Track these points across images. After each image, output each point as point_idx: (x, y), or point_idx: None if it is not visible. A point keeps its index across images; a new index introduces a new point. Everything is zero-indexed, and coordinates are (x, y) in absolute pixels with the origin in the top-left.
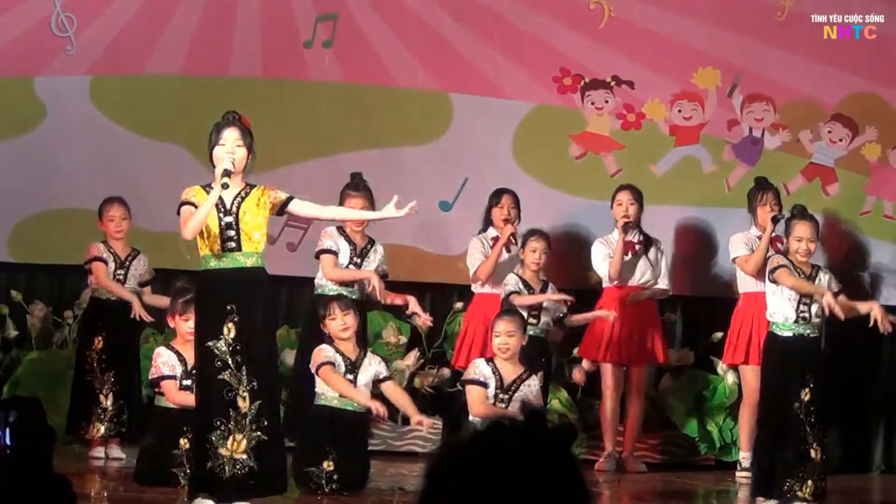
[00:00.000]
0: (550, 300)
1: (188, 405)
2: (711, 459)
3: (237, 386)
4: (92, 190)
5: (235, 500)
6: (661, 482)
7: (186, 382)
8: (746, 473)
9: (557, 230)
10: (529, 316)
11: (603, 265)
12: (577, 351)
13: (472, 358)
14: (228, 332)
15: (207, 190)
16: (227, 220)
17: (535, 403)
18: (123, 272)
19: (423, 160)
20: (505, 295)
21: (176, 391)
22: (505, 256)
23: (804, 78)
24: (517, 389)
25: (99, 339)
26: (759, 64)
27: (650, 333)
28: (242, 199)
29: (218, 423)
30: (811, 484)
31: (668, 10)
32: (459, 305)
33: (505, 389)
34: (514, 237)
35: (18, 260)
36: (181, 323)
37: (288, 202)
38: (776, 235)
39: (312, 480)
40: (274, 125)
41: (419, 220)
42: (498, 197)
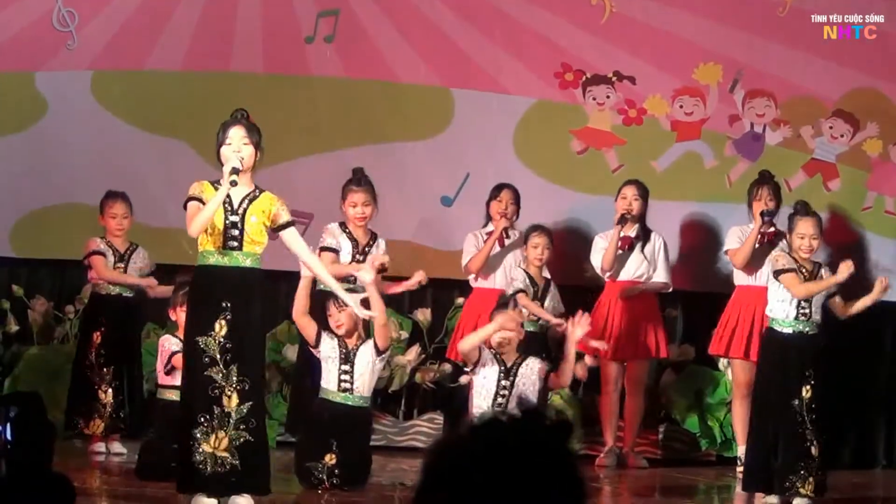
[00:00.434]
0: (550, 322)
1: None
2: (712, 455)
3: (224, 383)
4: (93, 185)
5: (215, 494)
6: (661, 477)
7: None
8: None
9: (559, 226)
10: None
11: (597, 258)
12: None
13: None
14: (220, 328)
15: (216, 186)
16: (232, 218)
17: (533, 393)
18: (123, 265)
19: (424, 155)
20: (514, 291)
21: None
22: (497, 250)
23: (805, 73)
24: (516, 373)
25: (98, 334)
26: (760, 59)
27: (649, 329)
28: (251, 201)
29: (202, 419)
30: (812, 480)
31: (669, 5)
32: (461, 301)
33: (507, 374)
34: (507, 232)
35: (20, 255)
36: (182, 315)
37: (285, 227)
38: (774, 231)
39: (314, 475)
40: (275, 120)
41: (421, 215)
42: (497, 192)
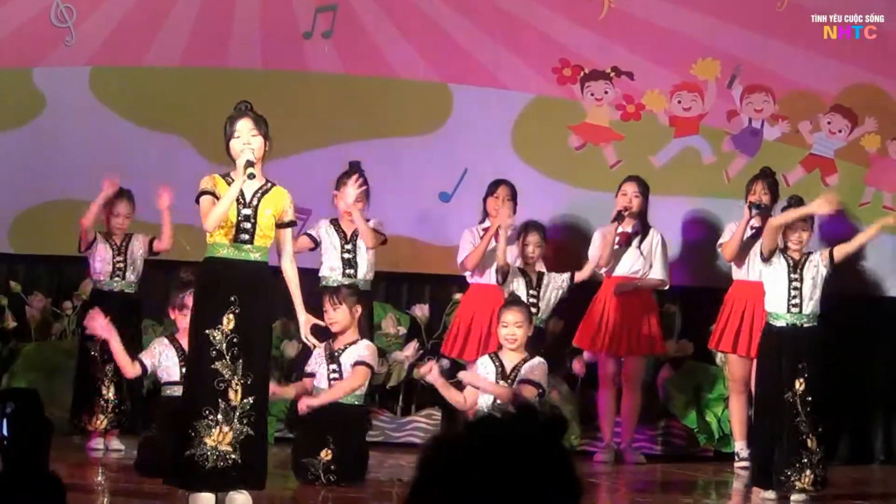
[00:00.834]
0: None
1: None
2: (710, 450)
3: (230, 377)
4: (91, 181)
5: (213, 489)
6: (659, 473)
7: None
8: (744, 464)
9: (557, 221)
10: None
11: (594, 253)
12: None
13: (457, 346)
14: (228, 322)
15: (227, 180)
16: (245, 212)
17: (534, 380)
18: (122, 259)
19: (422, 151)
20: (508, 298)
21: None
22: (493, 246)
23: (804, 69)
24: (517, 375)
25: None
26: (758, 55)
27: (646, 325)
28: (263, 194)
29: (206, 412)
30: (810, 474)
31: (667, 0)
32: (458, 297)
33: (506, 377)
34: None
35: (18, 251)
36: (181, 318)
37: (286, 226)
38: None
39: (310, 472)
40: (273, 116)
41: (418, 210)
42: (494, 187)
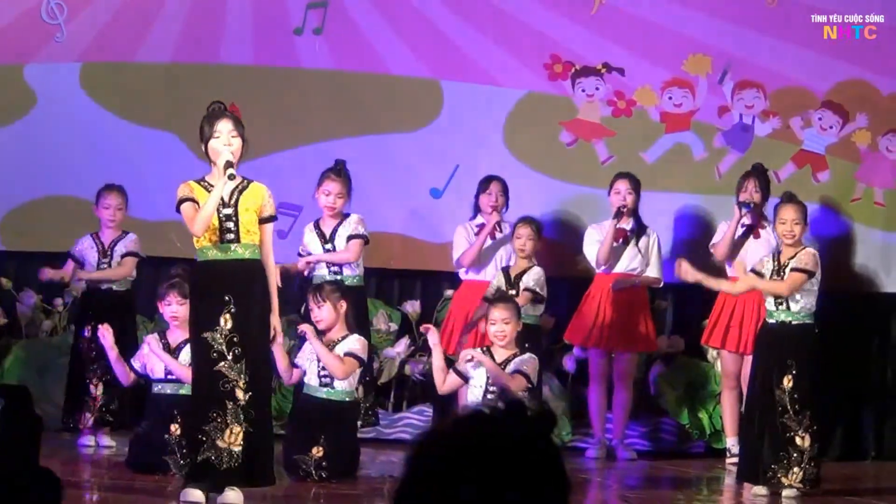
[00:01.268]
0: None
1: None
2: (702, 447)
3: (236, 378)
4: (82, 177)
5: (226, 487)
6: (651, 469)
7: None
8: (735, 460)
9: (548, 217)
10: None
11: (592, 250)
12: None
13: (453, 343)
14: (225, 322)
15: (202, 185)
16: (225, 212)
17: (525, 371)
18: (108, 260)
19: (413, 147)
20: (492, 292)
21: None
22: (488, 243)
23: (795, 65)
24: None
25: (90, 328)
26: (749, 51)
27: (638, 321)
28: (241, 192)
29: (214, 414)
30: (798, 472)
31: None
32: (450, 293)
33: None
34: (499, 225)
35: (9, 247)
36: (167, 309)
37: (265, 221)
38: (760, 223)
39: (301, 468)
40: (264, 112)
41: (409, 207)
42: (486, 184)
